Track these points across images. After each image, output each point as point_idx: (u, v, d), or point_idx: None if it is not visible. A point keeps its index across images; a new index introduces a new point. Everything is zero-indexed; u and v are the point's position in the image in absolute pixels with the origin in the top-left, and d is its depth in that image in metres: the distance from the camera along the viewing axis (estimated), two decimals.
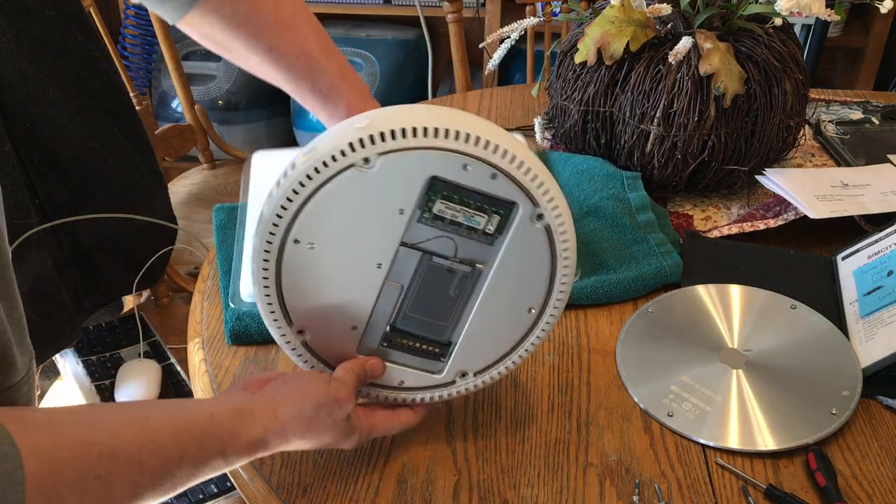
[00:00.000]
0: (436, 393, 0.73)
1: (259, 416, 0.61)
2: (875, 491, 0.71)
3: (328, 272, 0.66)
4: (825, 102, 1.35)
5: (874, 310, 0.85)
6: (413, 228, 0.64)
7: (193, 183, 1.93)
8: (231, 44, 0.77)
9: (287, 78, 0.79)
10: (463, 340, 0.70)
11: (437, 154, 0.60)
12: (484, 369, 0.72)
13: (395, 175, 0.61)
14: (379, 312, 0.69)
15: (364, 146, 0.60)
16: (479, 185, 0.62)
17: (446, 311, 0.69)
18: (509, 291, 0.67)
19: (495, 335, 0.70)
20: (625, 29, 1.03)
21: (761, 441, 0.74)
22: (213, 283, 0.96)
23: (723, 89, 1.00)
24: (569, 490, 0.71)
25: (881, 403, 0.80)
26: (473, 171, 0.61)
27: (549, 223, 0.63)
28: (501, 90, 1.44)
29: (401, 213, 0.63)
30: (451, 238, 0.65)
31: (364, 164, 0.60)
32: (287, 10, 0.77)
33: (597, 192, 1.04)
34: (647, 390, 0.80)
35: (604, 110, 1.07)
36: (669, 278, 0.93)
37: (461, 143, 0.60)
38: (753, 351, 0.84)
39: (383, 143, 0.60)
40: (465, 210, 0.64)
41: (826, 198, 1.02)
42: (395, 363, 0.72)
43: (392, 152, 0.60)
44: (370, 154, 0.60)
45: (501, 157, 0.61)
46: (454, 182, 0.62)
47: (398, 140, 0.60)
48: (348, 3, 2.48)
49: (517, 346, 0.70)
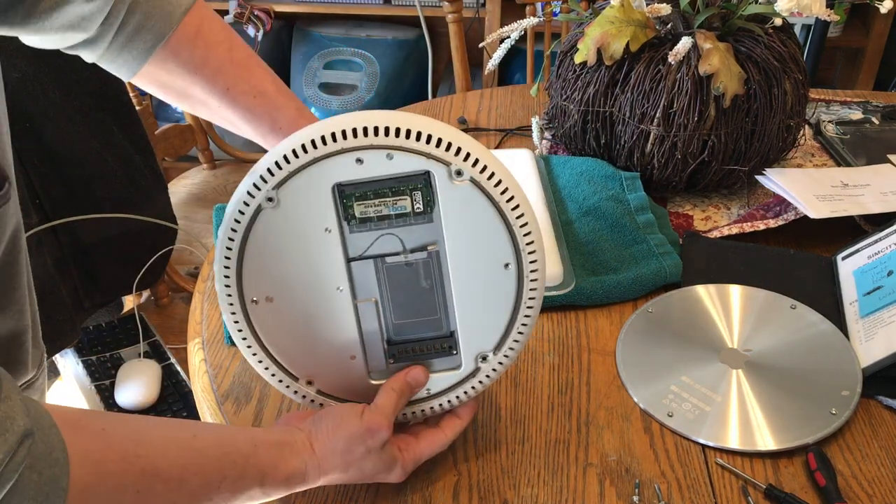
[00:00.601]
0: (467, 385, 0.71)
1: (299, 449, 0.62)
2: (875, 491, 0.71)
3: (298, 318, 0.66)
4: (825, 102, 1.35)
5: (874, 310, 0.85)
6: (350, 241, 0.64)
7: (193, 183, 1.93)
8: (189, 89, 0.77)
9: (246, 118, 0.79)
10: (462, 324, 0.68)
11: (326, 162, 0.60)
12: (499, 344, 0.69)
13: (302, 198, 0.62)
14: (368, 333, 0.68)
15: (260, 188, 0.61)
16: (383, 172, 0.61)
17: (431, 304, 0.67)
18: (475, 256, 0.65)
19: (488, 304, 0.67)
20: (624, 29, 1.03)
21: (761, 441, 0.74)
22: (213, 284, 0.96)
23: (722, 89, 1.00)
24: (569, 490, 0.71)
25: (881, 403, 0.80)
26: (369, 162, 0.60)
27: (471, 175, 0.61)
28: (501, 90, 1.44)
29: (328, 231, 0.63)
30: (391, 233, 0.64)
31: (269, 203, 0.62)
32: (240, 53, 0.78)
33: (596, 193, 1.04)
34: (646, 390, 0.80)
35: (604, 110, 1.07)
36: (669, 278, 0.93)
37: (340, 143, 0.60)
38: (753, 351, 0.84)
39: (273, 176, 0.61)
40: (384, 201, 0.63)
41: (826, 198, 1.02)
42: None
43: (285, 181, 0.61)
44: (269, 192, 0.61)
45: (385, 136, 0.60)
46: (358, 180, 0.61)
47: (284, 168, 0.60)
48: (348, 3, 2.48)
49: (516, 306, 0.67)
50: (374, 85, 2.55)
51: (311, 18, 2.68)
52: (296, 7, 2.52)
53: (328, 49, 2.61)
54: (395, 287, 0.66)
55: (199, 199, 1.89)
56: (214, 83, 0.76)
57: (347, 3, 2.48)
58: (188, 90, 0.77)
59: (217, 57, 0.76)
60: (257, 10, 2.49)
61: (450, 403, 0.72)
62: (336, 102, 2.55)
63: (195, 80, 0.76)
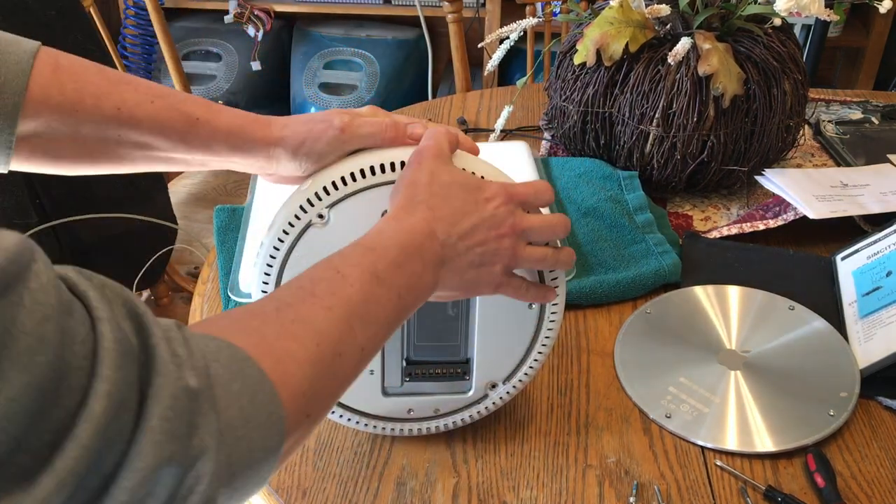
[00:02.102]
0: (473, 410, 0.74)
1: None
2: (874, 492, 0.71)
3: None
4: (825, 102, 1.35)
5: (873, 310, 0.85)
6: None
7: (193, 183, 1.93)
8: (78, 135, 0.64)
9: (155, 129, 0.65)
10: (479, 353, 0.71)
11: (382, 189, 0.63)
12: (510, 375, 0.73)
13: (352, 220, 0.64)
14: (390, 351, 0.71)
15: (313, 204, 0.63)
16: None
17: (453, 331, 0.71)
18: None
19: (507, 338, 0.71)
20: (624, 30, 1.03)
21: (759, 442, 0.74)
22: (214, 286, 0.96)
23: (722, 90, 0.99)
24: (568, 492, 0.71)
25: (881, 404, 0.80)
26: None
27: None
28: (501, 90, 1.44)
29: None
30: None
31: (320, 220, 0.64)
32: (112, 73, 0.66)
33: (594, 193, 1.04)
34: (645, 391, 0.80)
35: (603, 111, 1.07)
36: (668, 278, 0.93)
37: (396, 173, 0.63)
38: (751, 352, 0.84)
39: (328, 195, 0.63)
40: None
41: (825, 198, 1.02)
42: (425, 393, 0.73)
43: (340, 201, 0.63)
44: (321, 209, 0.63)
45: None
46: None
47: (341, 189, 0.63)
48: (348, 3, 2.48)
49: (532, 343, 0.71)
50: (374, 85, 2.55)
51: (311, 18, 2.68)
52: (296, 7, 2.52)
53: (328, 49, 2.61)
54: (422, 311, 0.69)
55: (199, 199, 1.89)
56: (102, 111, 0.64)
57: (347, 3, 2.48)
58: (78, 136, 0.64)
59: (91, 82, 0.64)
60: (257, 10, 2.49)
61: (454, 424, 0.75)
62: (336, 102, 2.55)
63: (80, 120, 0.63)
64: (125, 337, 0.38)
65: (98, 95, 0.63)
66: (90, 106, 0.63)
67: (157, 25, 1.76)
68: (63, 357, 0.35)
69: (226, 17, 2.49)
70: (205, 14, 2.62)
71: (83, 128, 0.64)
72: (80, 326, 0.37)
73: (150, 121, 0.65)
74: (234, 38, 2.60)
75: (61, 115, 0.63)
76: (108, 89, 0.64)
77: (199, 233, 1.78)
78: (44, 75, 0.61)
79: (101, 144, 0.65)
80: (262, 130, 0.67)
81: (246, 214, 1.01)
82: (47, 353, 0.34)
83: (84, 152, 0.66)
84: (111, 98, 0.64)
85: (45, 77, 0.61)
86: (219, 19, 2.51)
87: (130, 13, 2.49)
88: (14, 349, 0.33)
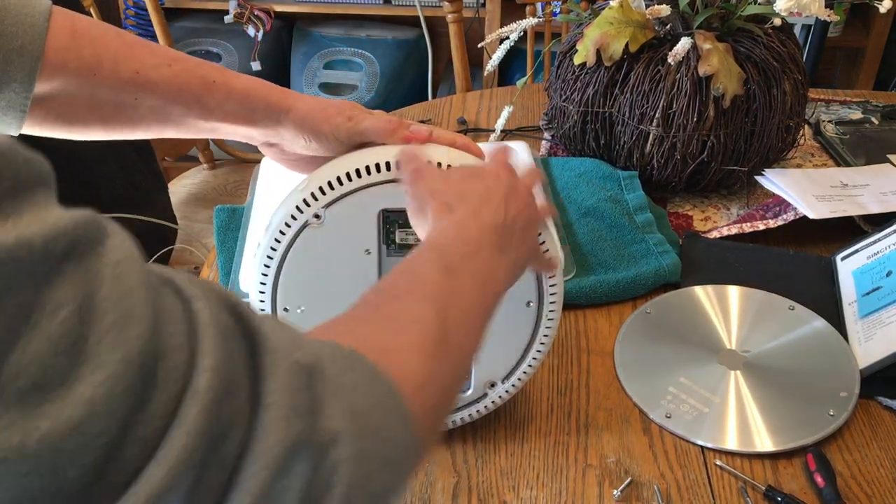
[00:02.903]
0: (472, 409, 0.74)
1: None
2: (874, 491, 0.71)
3: None
4: (825, 102, 1.35)
5: (873, 310, 0.85)
6: (386, 263, 0.67)
7: (193, 183, 1.93)
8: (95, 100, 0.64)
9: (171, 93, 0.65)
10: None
11: (377, 189, 0.63)
12: (509, 374, 0.73)
13: (348, 220, 0.64)
14: None
15: (309, 204, 0.63)
16: None
17: None
18: None
19: (506, 337, 0.71)
20: (624, 30, 1.03)
21: (759, 442, 0.74)
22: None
23: (722, 90, 0.99)
24: (568, 492, 0.71)
25: (881, 404, 0.80)
26: None
27: None
28: (501, 90, 1.44)
29: (368, 253, 0.66)
30: None
31: (316, 221, 0.64)
32: (130, 36, 0.66)
33: (594, 193, 1.04)
34: (645, 391, 0.80)
35: (603, 111, 1.07)
36: (668, 278, 0.93)
37: (394, 172, 0.63)
38: (751, 352, 0.84)
39: (324, 195, 0.63)
40: None
41: (825, 198, 1.02)
42: None
43: (336, 201, 0.64)
44: (317, 209, 0.64)
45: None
46: (403, 209, 0.64)
47: (336, 189, 0.63)
48: (348, 3, 2.48)
49: (531, 341, 0.71)
50: (374, 85, 2.55)
51: (311, 18, 2.68)
52: (296, 7, 2.52)
53: (328, 49, 2.61)
54: None
55: (199, 199, 1.88)
56: (119, 74, 0.63)
57: (347, 3, 2.48)
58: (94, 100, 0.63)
59: (109, 46, 0.63)
60: (257, 10, 2.48)
61: (454, 423, 0.75)
62: None
63: (98, 83, 0.63)
64: (223, 317, 0.35)
65: (116, 59, 0.63)
66: (108, 70, 0.63)
67: (157, 25, 1.76)
68: (158, 334, 0.32)
69: (226, 17, 2.49)
70: (205, 14, 2.62)
71: (100, 91, 0.63)
72: (173, 305, 0.34)
73: (166, 84, 0.65)
74: (234, 38, 2.60)
75: (78, 79, 0.62)
76: (126, 53, 0.64)
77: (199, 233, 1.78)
78: (60, 39, 0.60)
79: (117, 108, 0.65)
80: (277, 95, 0.67)
81: (246, 214, 1.01)
82: (139, 327, 0.31)
83: (98, 116, 0.65)
84: (129, 62, 0.64)
85: (63, 41, 0.61)
86: (219, 19, 2.51)
87: (130, 13, 2.49)
88: (100, 324, 0.30)
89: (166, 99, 0.65)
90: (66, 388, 0.29)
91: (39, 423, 0.28)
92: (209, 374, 0.33)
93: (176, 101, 0.66)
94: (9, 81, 0.58)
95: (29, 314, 0.28)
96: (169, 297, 0.34)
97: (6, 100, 0.59)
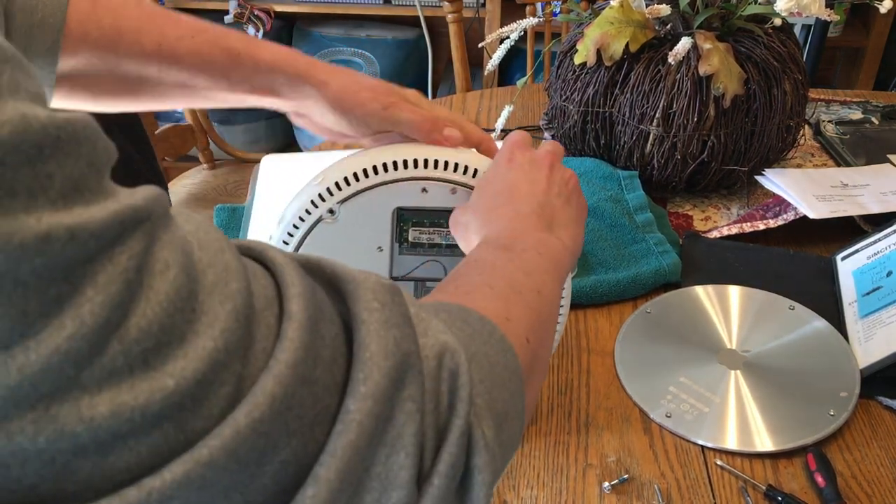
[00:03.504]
0: None
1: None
2: (874, 491, 0.71)
3: None
4: (825, 102, 1.35)
5: (873, 310, 0.85)
6: (397, 261, 0.67)
7: (193, 183, 1.93)
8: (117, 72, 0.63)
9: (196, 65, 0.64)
10: None
11: (393, 187, 0.63)
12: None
13: (362, 216, 0.64)
14: None
15: (324, 199, 0.63)
16: (443, 203, 0.64)
17: None
18: None
19: None
20: (624, 30, 1.03)
21: (759, 442, 0.74)
22: None
23: (722, 90, 1.00)
24: (568, 491, 0.71)
25: (881, 404, 0.80)
26: (433, 192, 0.64)
27: None
28: (501, 90, 1.44)
29: (380, 250, 0.66)
30: (437, 260, 0.67)
31: (330, 216, 0.64)
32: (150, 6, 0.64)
33: (594, 193, 1.04)
34: (645, 391, 0.80)
35: (603, 111, 1.07)
36: (668, 278, 0.93)
37: (410, 171, 0.63)
38: (751, 352, 0.84)
39: (340, 191, 0.63)
40: (438, 231, 0.66)
41: (825, 198, 1.02)
42: None
43: (351, 197, 0.63)
44: (332, 205, 0.63)
45: (454, 171, 0.63)
46: (418, 207, 0.64)
47: (352, 185, 0.63)
48: (348, 3, 2.48)
49: None
50: None
51: (311, 18, 2.68)
52: (296, 7, 2.52)
53: (328, 49, 2.61)
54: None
55: (199, 199, 1.88)
56: (142, 46, 0.62)
57: (347, 3, 2.48)
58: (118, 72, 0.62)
59: (130, 17, 0.62)
60: (257, 10, 2.49)
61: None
62: None
63: (120, 56, 0.62)
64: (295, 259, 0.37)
65: (138, 31, 0.62)
66: (130, 41, 0.62)
67: None
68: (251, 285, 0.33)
69: (226, 17, 2.49)
70: (205, 14, 2.62)
71: (123, 64, 0.62)
72: (250, 261, 0.35)
73: (191, 56, 0.63)
74: None
75: (100, 52, 0.61)
76: (147, 24, 0.62)
77: None
78: (81, 10, 0.60)
79: (141, 81, 0.64)
80: (306, 67, 0.65)
81: (246, 214, 1.01)
82: (238, 282, 0.32)
83: (125, 89, 0.64)
84: (151, 33, 0.62)
85: (83, 13, 0.60)
86: (219, 19, 2.51)
87: None
88: (204, 280, 0.31)
89: (191, 72, 0.64)
90: (186, 344, 0.29)
91: (165, 381, 0.29)
92: (299, 299, 0.34)
93: (201, 75, 0.64)
94: (33, 57, 0.58)
95: (141, 277, 0.29)
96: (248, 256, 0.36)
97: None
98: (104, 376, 0.27)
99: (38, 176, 0.26)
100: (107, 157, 0.30)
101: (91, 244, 0.27)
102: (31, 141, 0.26)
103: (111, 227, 0.28)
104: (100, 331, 0.27)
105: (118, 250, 0.28)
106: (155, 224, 0.30)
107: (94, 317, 0.27)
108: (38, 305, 0.26)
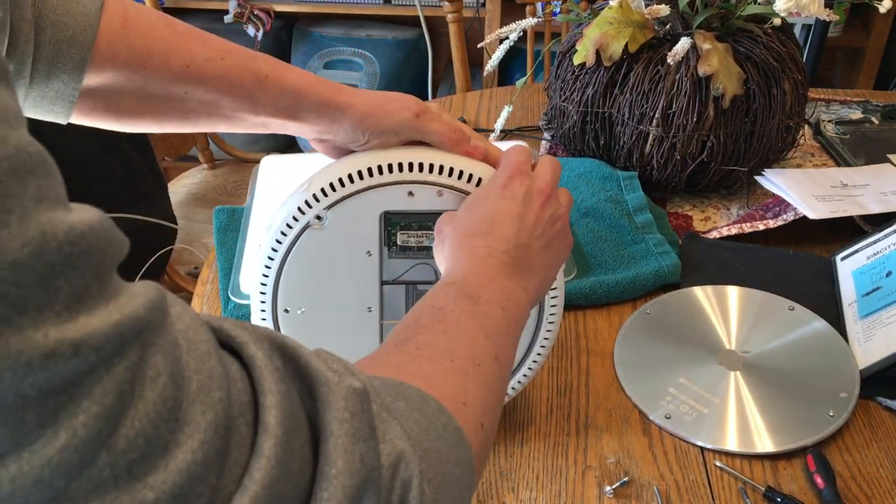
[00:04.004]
0: None
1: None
2: (874, 492, 0.71)
3: (326, 331, 0.68)
4: (825, 102, 1.35)
5: (873, 311, 0.85)
6: (387, 265, 0.67)
7: (193, 183, 1.93)
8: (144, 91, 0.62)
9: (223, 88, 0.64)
10: None
11: (379, 191, 0.63)
12: (514, 371, 0.72)
13: (350, 222, 0.64)
14: None
15: (311, 206, 0.63)
16: (430, 206, 0.64)
17: None
18: None
19: None
20: (623, 30, 1.03)
21: (759, 443, 0.74)
22: (213, 287, 0.96)
23: (722, 90, 0.99)
24: (567, 493, 0.71)
25: (880, 404, 0.80)
26: (419, 195, 0.64)
27: None
28: (501, 90, 1.44)
29: (369, 255, 0.66)
30: (427, 263, 0.67)
31: (317, 222, 0.64)
32: (182, 27, 0.64)
33: (594, 194, 1.04)
34: (644, 392, 0.80)
35: (603, 111, 1.07)
36: (668, 278, 0.93)
37: (396, 175, 0.63)
38: (751, 353, 0.84)
39: (326, 197, 0.63)
40: (426, 234, 0.66)
41: (825, 198, 1.01)
42: None
43: (338, 202, 0.63)
44: (319, 211, 0.63)
45: (439, 174, 0.63)
46: (405, 211, 0.64)
47: (338, 190, 0.63)
48: (348, 3, 2.48)
49: (531, 343, 0.71)
50: (374, 85, 2.55)
51: (311, 18, 2.68)
52: (296, 7, 2.52)
53: (328, 49, 2.61)
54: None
55: (199, 199, 1.89)
56: (170, 67, 0.62)
57: (347, 2, 2.48)
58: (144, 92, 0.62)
59: (160, 37, 0.61)
60: (257, 10, 2.48)
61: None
62: None
63: (148, 76, 0.61)
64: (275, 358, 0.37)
65: (167, 52, 0.62)
66: (158, 63, 0.61)
67: None
68: (231, 393, 0.33)
69: (226, 17, 2.49)
70: (205, 14, 2.62)
71: (149, 84, 0.62)
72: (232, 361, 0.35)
73: (217, 79, 0.63)
74: (234, 38, 2.58)
75: (128, 71, 0.61)
76: (177, 45, 0.62)
77: (199, 233, 1.78)
78: (112, 29, 0.59)
79: (165, 101, 0.64)
80: (331, 92, 0.65)
81: (246, 215, 1.01)
82: (220, 390, 0.33)
83: (148, 109, 0.64)
84: (180, 54, 0.62)
85: (114, 31, 0.59)
86: (219, 19, 2.51)
87: None
88: (189, 388, 0.31)
89: (217, 94, 0.64)
90: (168, 455, 0.30)
91: (146, 494, 0.29)
92: (276, 410, 0.34)
93: (227, 96, 0.64)
94: (58, 73, 0.58)
95: (133, 388, 0.29)
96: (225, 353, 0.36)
97: (54, 90, 0.58)
98: (91, 488, 0.28)
99: (48, 291, 0.27)
100: (116, 259, 0.31)
101: (93, 357, 0.28)
102: (46, 261, 0.27)
103: (112, 340, 0.28)
104: (91, 442, 0.28)
105: (116, 361, 0.29)
106: (152, 331, 0.31)
107: (87, 428, 0.27)
108: (35, 416, 0.27)
